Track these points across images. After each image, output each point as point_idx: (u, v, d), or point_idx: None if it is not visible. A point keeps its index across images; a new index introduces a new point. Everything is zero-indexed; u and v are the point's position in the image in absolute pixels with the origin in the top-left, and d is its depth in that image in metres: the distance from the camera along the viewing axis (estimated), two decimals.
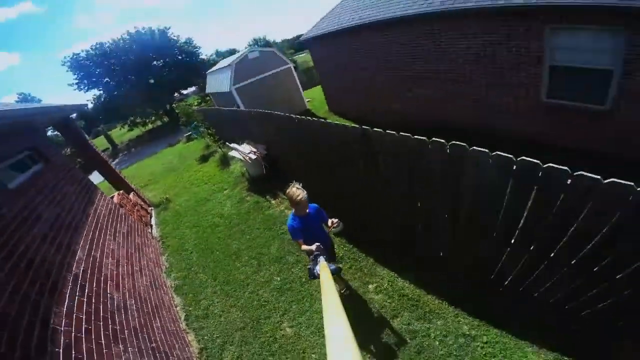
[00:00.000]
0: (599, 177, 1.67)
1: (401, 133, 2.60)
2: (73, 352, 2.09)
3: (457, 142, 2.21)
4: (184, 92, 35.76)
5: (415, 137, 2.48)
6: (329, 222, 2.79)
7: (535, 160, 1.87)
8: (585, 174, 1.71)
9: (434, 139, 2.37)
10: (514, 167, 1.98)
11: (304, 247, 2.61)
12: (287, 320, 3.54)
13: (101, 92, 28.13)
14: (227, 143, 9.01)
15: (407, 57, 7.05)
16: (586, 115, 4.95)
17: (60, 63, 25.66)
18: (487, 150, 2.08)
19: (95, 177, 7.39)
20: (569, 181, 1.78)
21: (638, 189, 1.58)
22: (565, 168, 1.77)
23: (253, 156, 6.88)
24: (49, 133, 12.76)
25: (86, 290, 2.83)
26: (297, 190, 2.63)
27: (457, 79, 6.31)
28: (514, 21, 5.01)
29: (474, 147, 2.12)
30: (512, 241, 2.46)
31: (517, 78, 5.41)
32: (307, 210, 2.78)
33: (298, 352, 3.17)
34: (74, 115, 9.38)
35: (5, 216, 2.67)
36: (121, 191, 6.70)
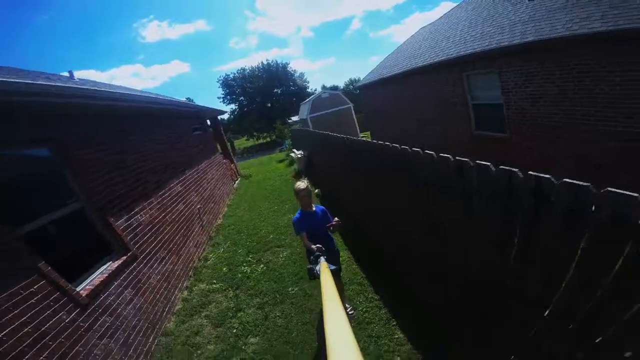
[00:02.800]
0: None
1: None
2: (169, 196, 6.55)
3: None
4: (293, 118, 44.28)
5: None
6: (333, 222, 2.91)
7: None
8: None
9: None
10: None
11: (307, 241, 2.70)
12: (265, 221, 7.35)
13: (236, 107, 38.18)
14: (292, 149, 13.81)
15: (406, 105, 10.12)
16: (499, 142, 6.66)
17: (216, 79, 36.91)
18: None
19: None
20: None
21: None
22: None
23: (300, 155, 11.29)
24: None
25: (196, 176, 7.41)
26: (300, 183, 2.79)
27: (423, 119, 9.04)
28: (445, 73, 7.43)
29: None
30: None
31: (456, 116, 7.62)
32: (313, 209, 2.93)
33: (258, 229, 6.87)
34: (220, 116, 15.95)
35: (190, 142, 7.71)
36: (227, 160, 12.04)
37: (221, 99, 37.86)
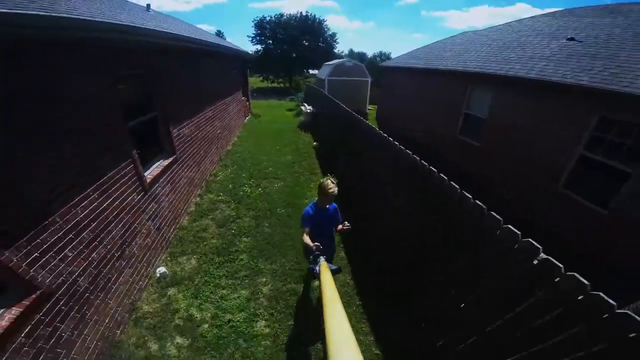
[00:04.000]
0: None
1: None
2: (203, 118, 7.81)
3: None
4: (312, 71, 42.64)
5: None
6: (340, 226, 2.93)
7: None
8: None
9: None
10: None
11: (306, 237, 2.68)
12: (267, 156, 8.75)
13: (262, 48, 37.65)
14: (304, 103, 14.89)
15: (416, 94, 10.89)
16: (472, 148, 7.37)
17: (250, 18, 36.61)
18: None
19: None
20: None
21: None
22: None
23: (309, 110, 12.45)
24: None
25: (223, 106, 8.63)
26: (331, 184, 2.73)
27: (424, 111, 10.02)
28: (457, 81, 8.00)
29: None
30: None
31: (449, 118, 8.44)
32: (328, 206, 2.89)
33: (260, 161, 8.29)
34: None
35: (226, 77, 8.82)
36: (245, 97, 13.06)
37: (250, 38, 37.60)
